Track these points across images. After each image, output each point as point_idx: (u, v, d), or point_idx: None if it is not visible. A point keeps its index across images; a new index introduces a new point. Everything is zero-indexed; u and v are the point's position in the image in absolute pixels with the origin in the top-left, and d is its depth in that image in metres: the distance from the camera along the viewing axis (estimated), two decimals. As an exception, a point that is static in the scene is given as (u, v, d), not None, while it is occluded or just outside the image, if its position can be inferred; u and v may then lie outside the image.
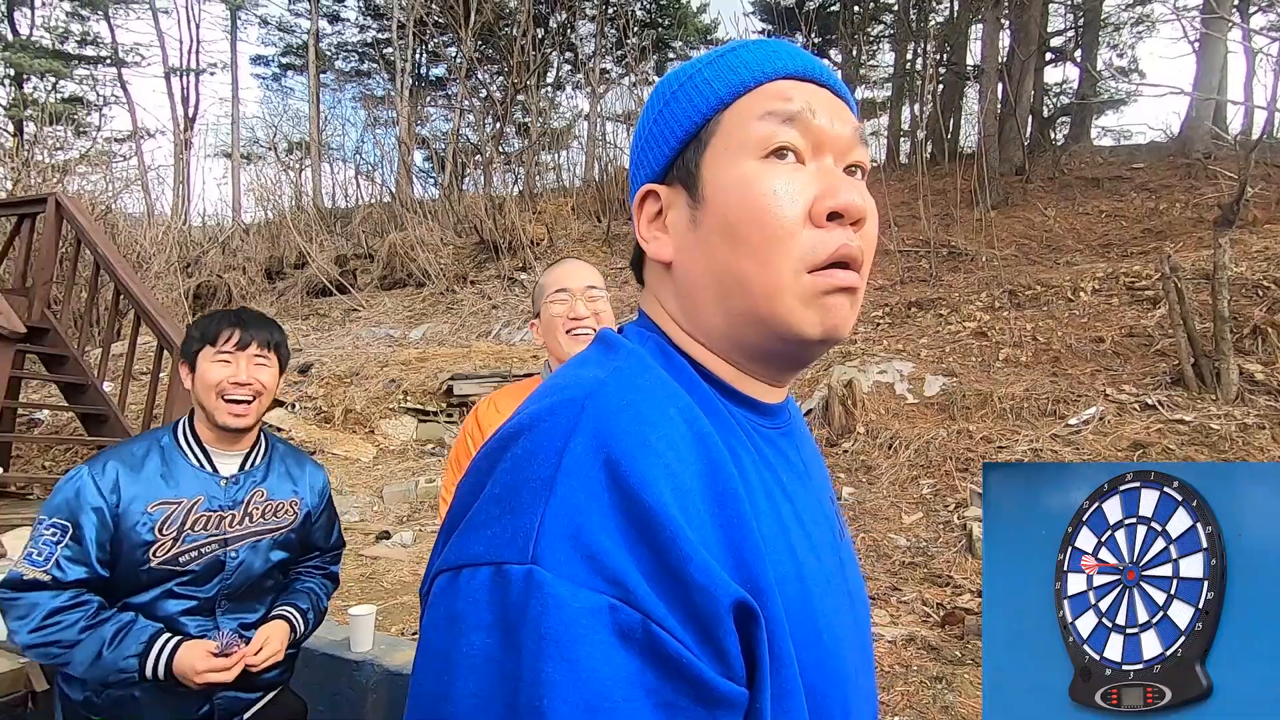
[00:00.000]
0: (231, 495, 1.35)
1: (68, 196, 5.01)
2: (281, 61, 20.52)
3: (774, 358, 0.52)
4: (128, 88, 19.28)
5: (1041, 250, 7.91)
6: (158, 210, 13.15)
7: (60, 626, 1.19)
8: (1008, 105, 10.32)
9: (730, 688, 0.38)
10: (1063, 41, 13.45)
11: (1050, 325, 5.99)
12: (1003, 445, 4.63)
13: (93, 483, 1.24)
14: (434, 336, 8.06)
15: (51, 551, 1.21)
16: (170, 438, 1.35)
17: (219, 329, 1.32)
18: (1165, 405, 4.75)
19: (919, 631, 2.82)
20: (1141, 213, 8.40)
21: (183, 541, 1.29)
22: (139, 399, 5.20)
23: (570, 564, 0.36)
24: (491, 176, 11.32)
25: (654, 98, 0.55)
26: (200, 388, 1.31)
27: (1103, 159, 10.69)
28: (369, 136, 18.91)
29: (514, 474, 0.41)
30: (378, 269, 9.76)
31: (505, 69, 14.09)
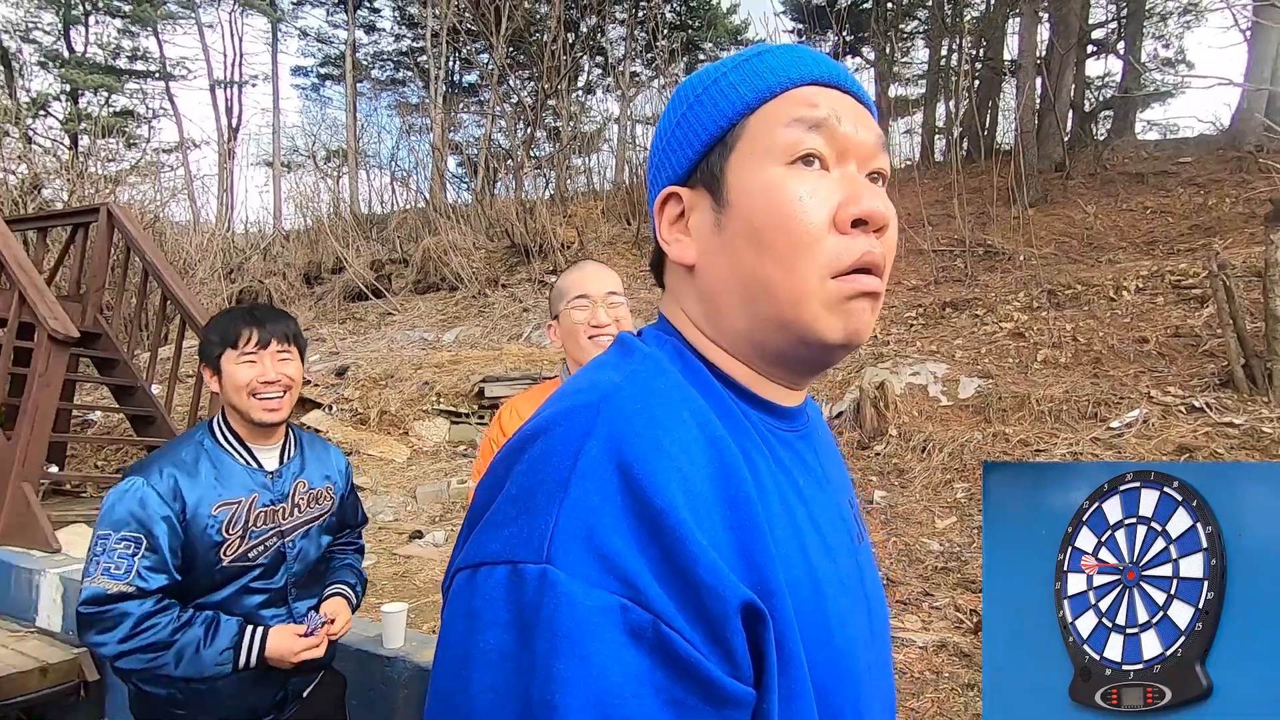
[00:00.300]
0: (279, 489, 1.40)
1: (118, 206, 5.22)
2: (320, 72, 21.07)
3: (795, 361, 0.53)
4: (175, 100, 19.99)
5: (1082, 248, 7.70)
6: (202, 218, 13.61)
7: (153, 630, 1.22)
8: (1046, 100, 10.07)
9: (737, 687, 0.39)
10: (1104, 33, 13.07)
11: (1091, 325, 5.82)
12: (1040, 448, 4.52)
13: (155, 493, 1.26)
14: (466, 339, 8.18)
15: (130, 564, 1.23)
16: (210, 439, 1.38)
17: (238, 331, 1.34)
18: (1213, 407, 4.58)
19: (951, 638, 2.77)
20: (1189, 208, 8.11)
21: (249, 538, 1.34)
22: (184, 400, 5.38)
23: (583, 564, 0.37)
24: (522, 181, 11.45)
25: (676, 101, 0.56)
26: (230, 389, 1.34)
27: (1148, 153, 10.36)
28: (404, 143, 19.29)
29: (530, 475, 0.42)
30: (412, 273, 9.93)
31: (536, 74, 14.23)
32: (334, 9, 19.97)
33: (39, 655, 2.55)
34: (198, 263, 10.00)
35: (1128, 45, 12.24)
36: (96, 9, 17.96)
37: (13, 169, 9.77)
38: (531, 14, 14.61)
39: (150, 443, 4.71)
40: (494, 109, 15.02)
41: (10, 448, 3.39)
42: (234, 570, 1.33)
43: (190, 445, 1.37)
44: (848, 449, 5.08)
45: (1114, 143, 10.71)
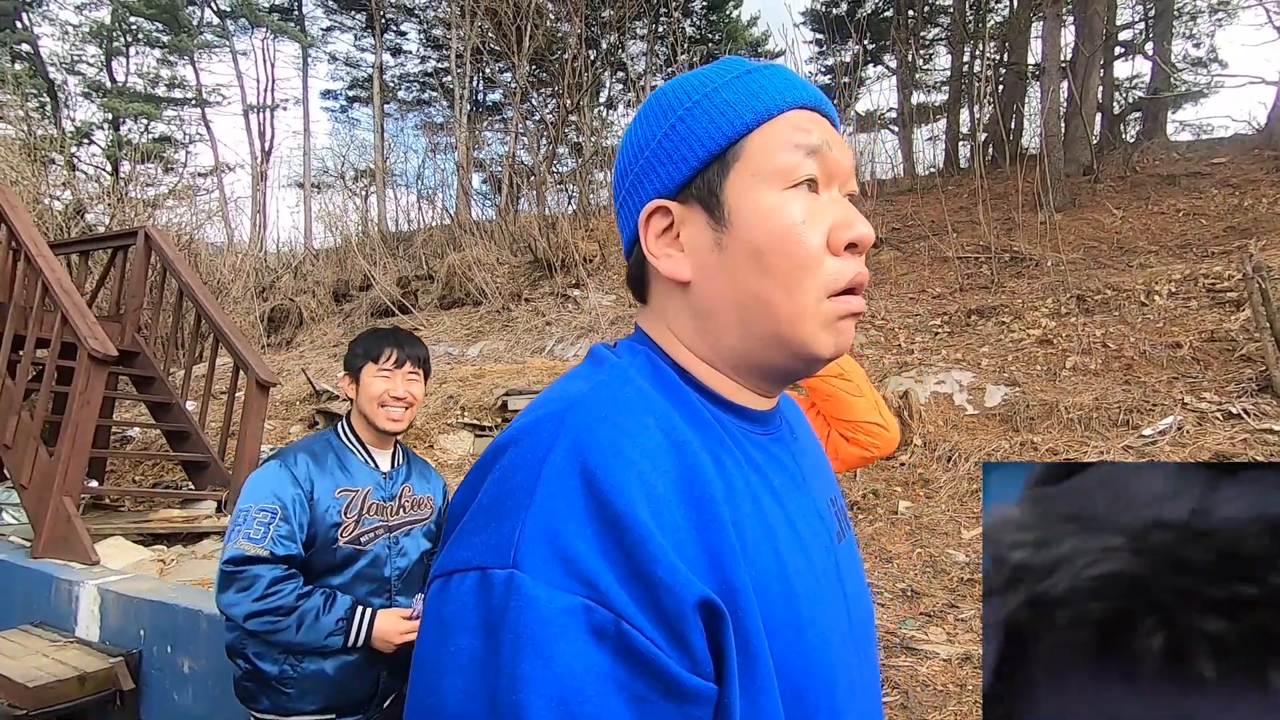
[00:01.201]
0: (390, 489, 1.56)
1: (156, 229, 5.40)
2: (348, 94, 21.60)
3: (779, 373, 0.55)
4: (210, 126, 20.65)
5: (1112, 253, 7.54)
6: (236, 239, 14.00)
7: (281, 594, 1.37)
8: (1072, 104, 9.92)
9: (697, 683, 0.40)
10: (1132, 35, 12.85)
11: (1122, 331, 5.69)
12: (1070, 457, 4.42)
13: (289, 473, 1.45)
14: (490, 354, 8.27)
15: (266, 531, 1.39)
16: (336, 438, 1.58)
17: (381, 348, 1.55)
18: (1251, 414, 4.44)
19: (976, 650, 2.72)
20: (1223, 210, 7.91)
21: (361, 524, 1.49)
22: (217, 416, 5.53)
23: (547, 568, 0.39)
24: (545, 196, 11.59)
25: (658, 110, 0.55)
26: (364, 398, 1.54)
27: (1179, 155, 10.13)
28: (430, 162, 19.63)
29: (500, 484, 0.44)
30: (437, 289, 10.09)
31: (558, 91, 14.43)
32: (362, 33, 20.52)
33: (78, 664, 2.63)
34: (231, 282, 10.28)
35: (1156, 45, 12.01)
36: (137, 40, 18.67)
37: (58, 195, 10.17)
38: (553, 32, 14.83)
39: (186, 458, 4.85)
40: (517, 126, 15.25)
41: (52, 463, 3.51)
42: (349, 553, 1.47)
43: (320, 440, 1.57)
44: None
45: (1144, 145, 10.50)
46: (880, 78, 17.27)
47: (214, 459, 4.75)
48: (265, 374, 4.58)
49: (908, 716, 2.26)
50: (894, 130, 14.39)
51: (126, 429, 6.47)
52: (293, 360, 9.09)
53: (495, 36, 13.86)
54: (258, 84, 20.71)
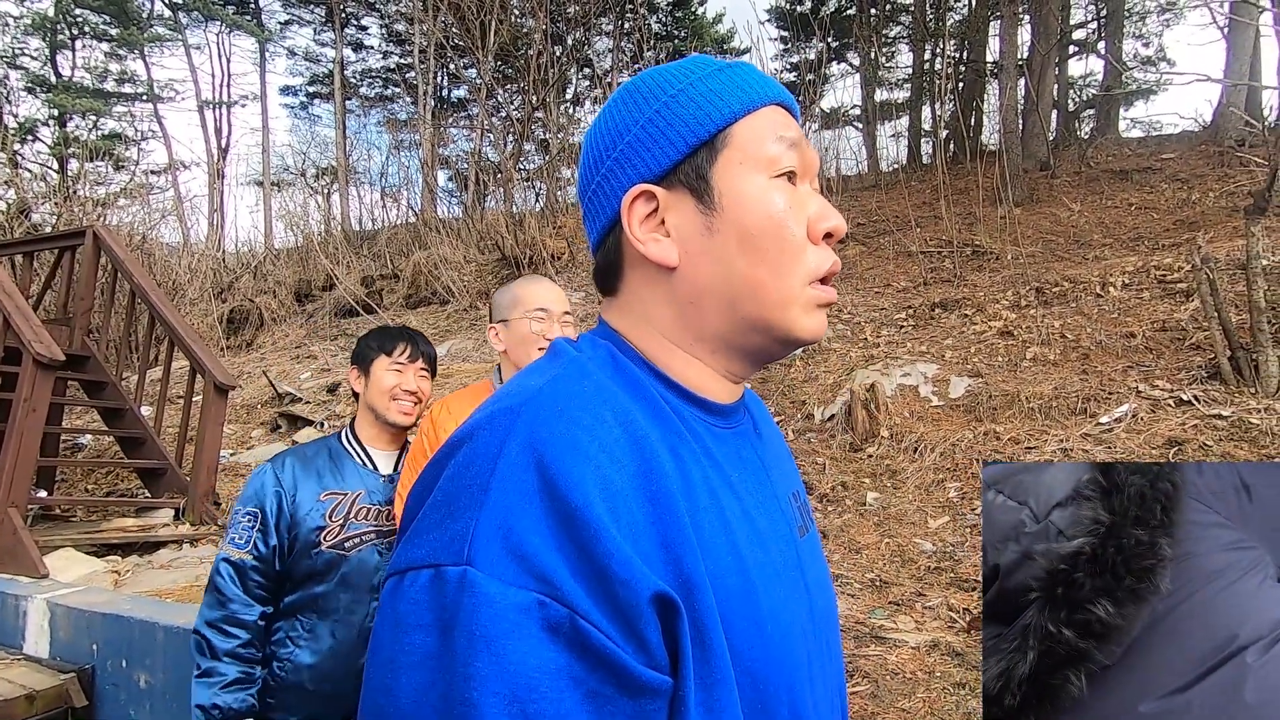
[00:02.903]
0: (388, 493, 1.54)
1: (105, 228, 5.22)
2: (309, 90, 21.14)
3: (759, 357, 0.56)
4: (163, 122, 20.05)
5: (1069, 246, 7.75)
6: (193, 238, 13.60)
7: (225, 638, 1.38)
8: (1029, 101, 10.17)
9: (653, 676, 0.40)
10: (1085, 34, 13.21)
11: (1079, 322, 5.85)
12: (1031, 446, 4.53)
13: (274, 475, 1.46)
14: (458, 353, 8.17)
15: (249, 535, 1.41)
16: (337, 442, 1.58)
17: (395, 343, 1.57)
18: (1201, 400, 4.60)
19: (943, 637, 2.76)
20: (1173, 204, 8.18)
21: (348, 529, 1.47)
22: (173, 421, 5.36)
23: (501, 564, 0.39)
24: (512, 193, 11.49)
25: (638, 98, 0.55)
26: (375, 390, 1.55)
27: (1131, 151, 10.45)
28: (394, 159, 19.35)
29: (454, 481, 0.44)
30: (403, 288, 9.94)
31: (523, 87, 14.31)
32: (321, 28, 20.08)
33: (26, 682, 2.52)
34: (188, 283, 9.99)
35: (1108, 44, 12.38)
36: (83, 33, 18.01)
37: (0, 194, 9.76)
38: (517, 28, 14.70)
39: (141, 465, 4.69)
40: (483, 123, 15.09)
41: (-4, 473, 3.37)
42: (331, 558, 1.44)
43: (317, 444, 1.58)
44: (840, 452, 5.09)
45: (1098, 141, 10.81)
46: (844, 75, 17.50)
47: (171, 465, 4.61)
48: (223, 377, 4.45)
49: (878, 705, 2.29)
50: (858, 127, 14.58)
51: (77, 436, 6.24)
52: (253, 362, 8.87)
53: (459, 32, 13.69)
54: (213, 79, 20.15)
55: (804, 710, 0.50)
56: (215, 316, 9.79)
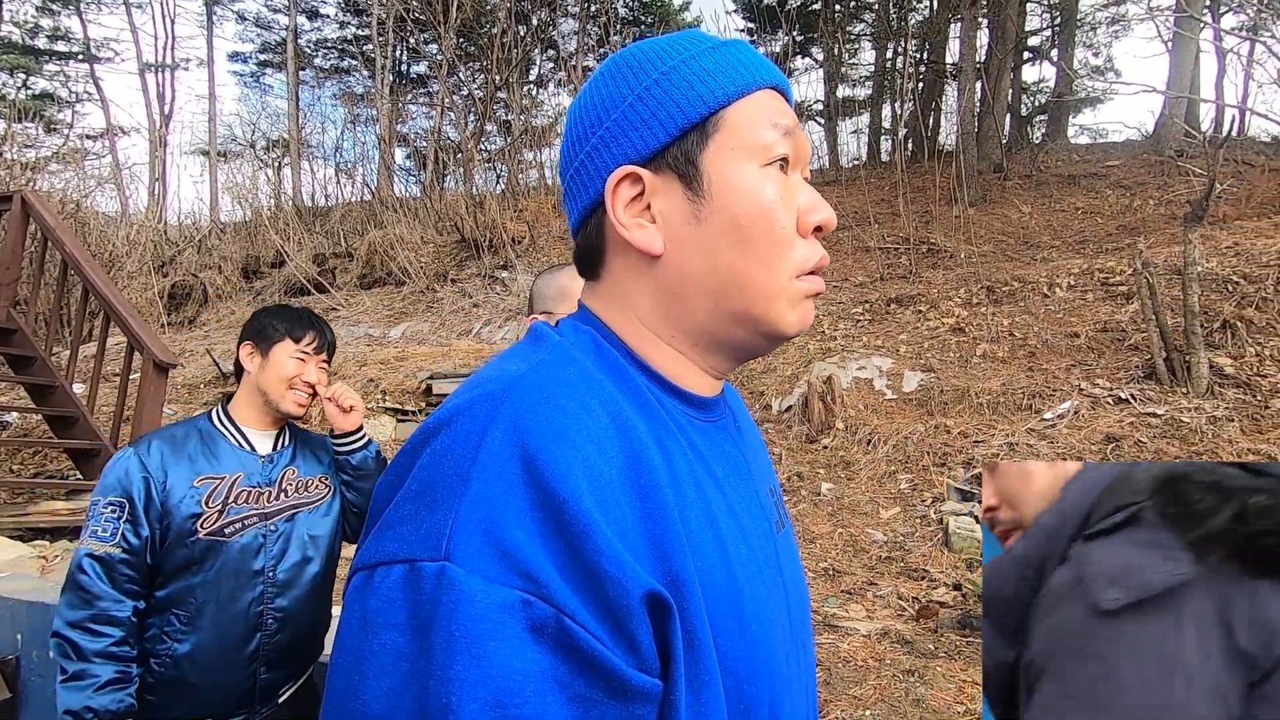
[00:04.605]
0: (269, 473, 1.46)
1: (35, 193, 4.91)
2: (259, 58, 20.27)
3: (742, 351, 0.54)
4: (100, 84, 18.99)
5: (1019, 247, 8.00)
6: (132, 209, 12.96)
7: (95, 638, 1.28)
8: (986, 103, 10.42)
9: (643, 679, 0.38)
10: (1040, 40, 13.61)
11: (1027, 321, 6.05)
12: (979, 440, 4.68)
13: (139, 460, 1.36)
14: (414, 335, 8.00)
15: (116, 526, 1.32)
16: (206, 422, 1.48)
17: (304, 330, 1.50)
18: (1138, 399, 4.81)
19: (893, 625, 2.84)
20: (1116, 209, 8.51)
21: (227, 514, 1.39)
22: (108, 400, 5.11)
23: (483, 560, 0.36)
24: (473, 174, 11.25)
25: (626, 73, 0.52)
26: (272, 375, 1.46)
27: (1079, 156, 10.83)
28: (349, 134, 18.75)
29: (431, 470, 0.41)
30: (357, 268, 9.66)
31: (486, 66, 14.01)
32: (274, -8, 19.25)
33: (-58, 674, 2.37)
34: (126, 255, 9.52)
35: (1061, 52, 12.77)
36: (12, -15, 16.89)
37: (-83, 153, 9.13)
38: (481, 4, 14.36)
39: (72, 445, 4.46)
40: (443, 100, 14.73)
41: (-90, 452, 3.15)
42: (208, 545, 1.37)
43: (185, 425, 1.47)
44: (797, 442, 5.16)
45: (1048, 146, 11.16)
46: (808, 69, 17.64)
47: (106, 446, 4.39)
48: (164, 355, 4.25)
49: (830, 692, 2.33)
50: (820, 122, 14.73)
51: (2, 414, 5.89)
52: (197, 340, 8.52)
53: (420, 4, 13.30)
54: (155, 41, 19.18)
55: (783, 711, 0.49)
56: (155, 291, 9.36)
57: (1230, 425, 4.41)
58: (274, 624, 1.40)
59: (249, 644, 1.38)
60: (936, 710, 2.21)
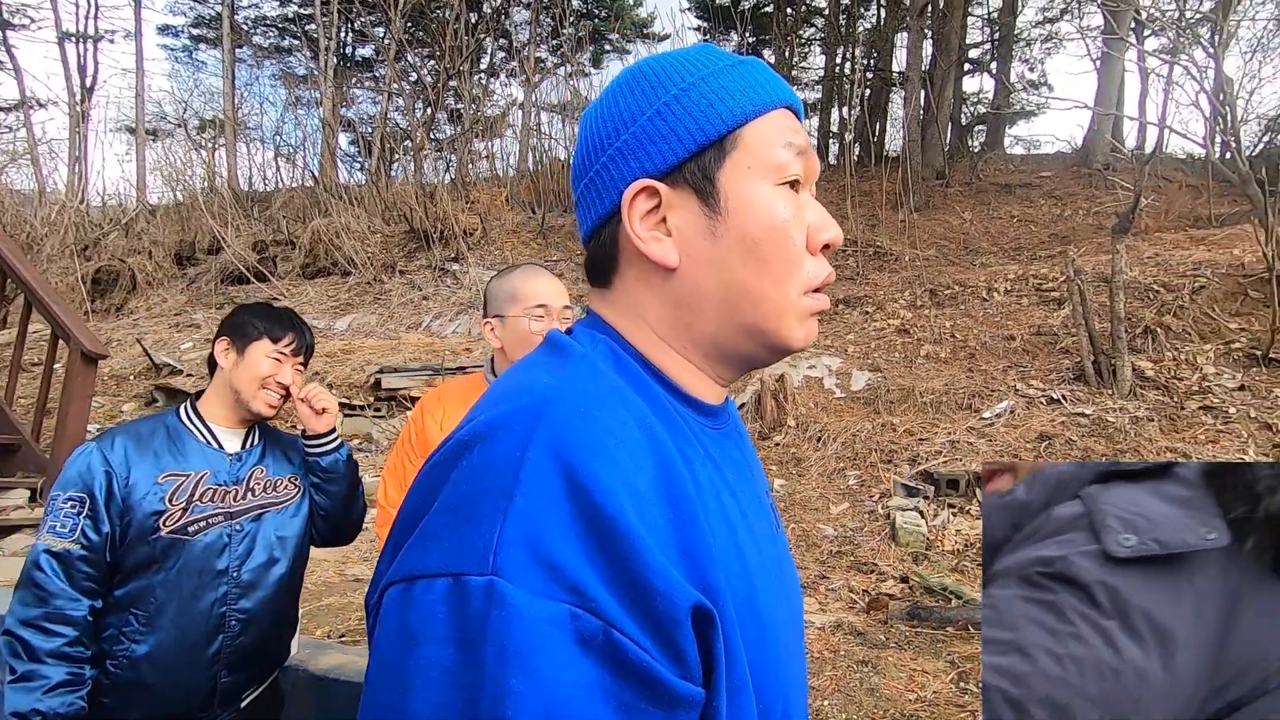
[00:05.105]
0: (236, 472, 1.43)
1: (-55, 169, 4.55)
2: (192, 33, 19.24)
3: (750, 363, 0.55)
4: (13, 52, 17.67)
5: (959, 252, 8.32)
6: (50, 187, 12.16)
7: (48, 636, 1.23)
8: (929, 112, 10.78)
9: (688, 689, 0.39)
10: (980, 53, 14.15)
11: (967, 323, 6.31)
12: (923, 438, 4.85)
13: (101, 455, 1.32)
14: (360, 328, 7.78)
15: (75, 522, 1.28)
16: (174, 418, 1.44)
17: (284, 331, 1.46)
18: (1068, 400, 5.08)
19: (846, 617, 2.93)
20: (1048, 218, 8.95)
21: (191, 511, 1.35)
22: (28, 391, 4.80)
23: (530, 574, 0.37)
24: (422, 163, 10.98)
25: (646, 86, 0.53)
26: (246, 373, 1.43)
27: (1014, 167, 11.33)
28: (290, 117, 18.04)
29: (471, 484, 0.41)
30: (300, 256, 9.32)
31: (436, 53, 13.68)
32: (209, -36, 18.30)
33: None
34: (45, 238, 8.94)
35: (999, 66, 13.32)
36: (-88, -60, 15.56)
37: None
38: (432, -11, 14.01)
39: (-13, 440, 4.16)
40: (390, 86, 14.32)
41: None
42: (169, 543, 1.33)
43: (151, 421, 1.43)
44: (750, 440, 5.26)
45: (986, 155, 11.63)
46: (760, 71, 17.84)
47: (26, 441, 4.12)
48: (92, 344, 4.02)
49: (788, 684, 2.40)
50: (771, 123, 14.93)
51: (-95, 406, 5.45)
52: (125, 329, 8.07)
53: (368, -14, 12.89)
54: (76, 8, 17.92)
55: (793, 711, 0.51)
56: (78, 276, 8.82)
57: (1150, 425, 4.71)
58: (237, 625, 1.37)
59: (210, 645, 1.34)
60: (890, 698, 2.30)
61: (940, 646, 2.70)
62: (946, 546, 3.80)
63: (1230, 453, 4.37)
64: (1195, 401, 4.90)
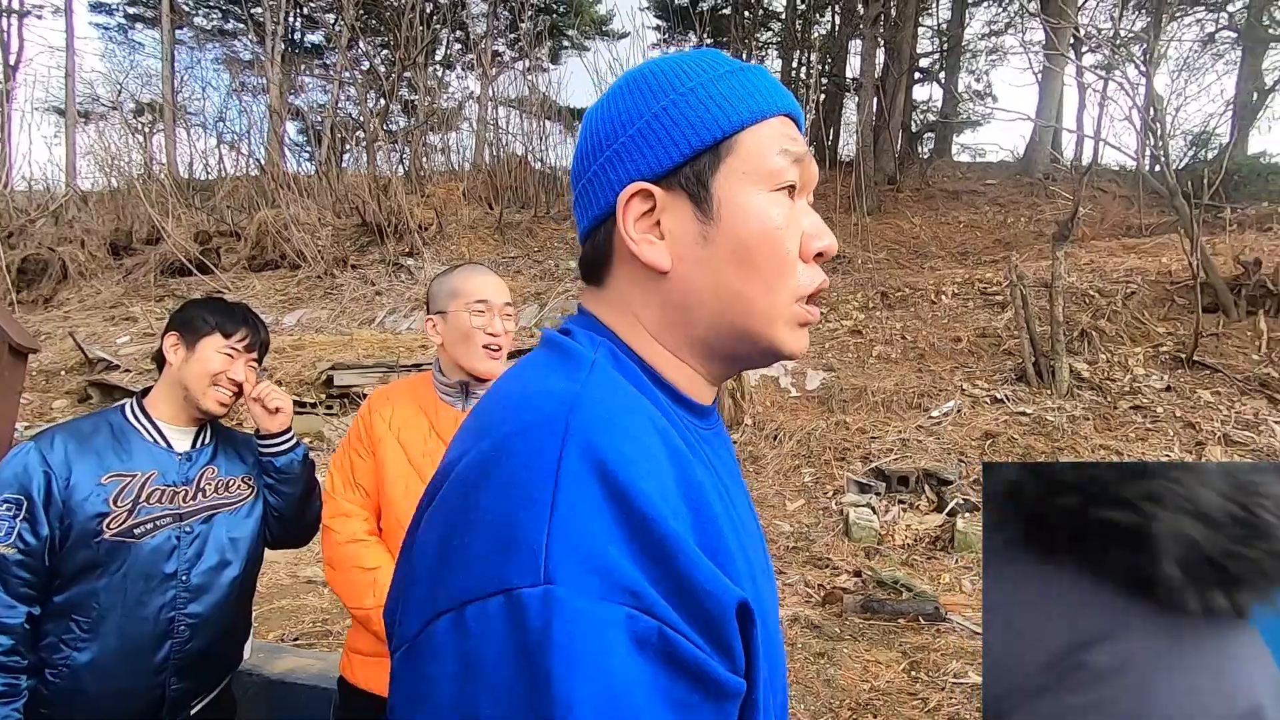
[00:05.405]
0: (186, 472, 1.38)
1: None
2: (129, 11, 18.36)
3: (742, 364, 0.56)
4: (-71, 25, 16.54)
5: (909, 255, 8.57)
6: (-30, 170, 11.43)
7: None
8: (882, 118, 11.07)
9: (736, 682, 0.40)
10: (930, 63, 14.59)
11: (917, 325, 6.51)
12: (875, 436, 4.99)
13: (40, 456, 1.27)
14: (311, 323, 7.56)
15: (11, 526, 1.23)
16: (120, 416, 1.39)
17: (237, 326, 1.41)
18: (1010, 399, 5.30)
19: (802, 611, 3.00)
20: (993, 224, 9.30)
21: (138, 513, 1.30)
22: (-49, 388, 4.51)
23: (584, 580, 0.37)
24: (375, 155, 10.73)
25: (645, 89, 0.54)
26: (196, 370, 1.38)
27: (961, 174, 11.73)
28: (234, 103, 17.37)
29: (504, 500, 0.40)
30: (246, 248, 9.00)
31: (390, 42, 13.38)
32: (147, -60, 17.49)
33: None
34: (-35, 223, 8.41)
35: (948, 76, 13.76)
36: None
37: None
38: (387, -24, 13.70)
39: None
40: (341, 74, 13.94)
41: None
42: (111, 546, 1.28)
43: (94, 419, 1.38)
44: (707, 438, 5.32)
45: (935, 162, 12.01)
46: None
47: (-52, 440, 3.88)
48: (22, 337, 3.79)
49: (748, 677, 2.45)
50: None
51: None
52: (55, 322, 7.67)
53: (319, -29, 12.52)
54: (0, -19, 16.89)
55: (785, 703, 0.53)
56: (2, 265, 8.33)
57: (1086, 424, 4.95)
58: (186, 631, 1.33)
59: (158, 652, 1.30)
60: (845, 689, 2.37)
61: (892, 638, 2.79)
62: (897, 541, 3.92)
63: (1158, 449, 4.63)
64: (1127, 401, 5.17)
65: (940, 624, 3.06)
